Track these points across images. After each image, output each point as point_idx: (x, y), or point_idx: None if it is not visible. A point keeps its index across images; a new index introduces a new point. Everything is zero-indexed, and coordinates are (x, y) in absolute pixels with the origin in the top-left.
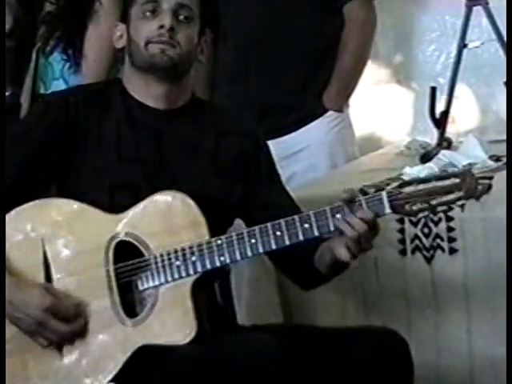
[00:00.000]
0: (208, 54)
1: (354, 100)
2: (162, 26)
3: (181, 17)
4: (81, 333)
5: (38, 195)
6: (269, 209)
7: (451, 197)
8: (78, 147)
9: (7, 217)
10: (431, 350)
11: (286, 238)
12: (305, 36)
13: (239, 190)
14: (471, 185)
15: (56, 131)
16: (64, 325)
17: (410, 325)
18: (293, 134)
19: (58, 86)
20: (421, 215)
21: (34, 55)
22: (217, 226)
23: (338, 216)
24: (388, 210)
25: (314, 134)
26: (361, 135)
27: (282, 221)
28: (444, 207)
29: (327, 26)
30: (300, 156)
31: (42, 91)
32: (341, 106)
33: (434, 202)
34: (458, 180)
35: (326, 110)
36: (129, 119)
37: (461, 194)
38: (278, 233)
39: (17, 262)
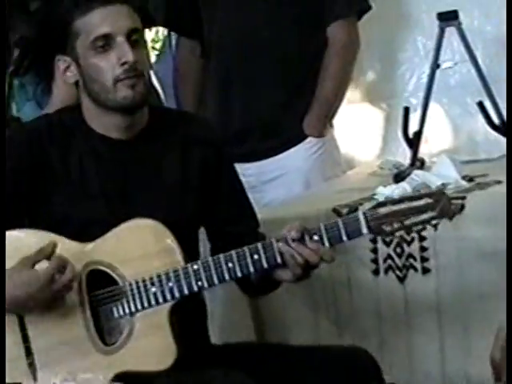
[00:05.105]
0: (196, 66)
1: None
2: (125, 63)
3: (133, 42)
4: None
5: (10, 227)
6: (228, 223)
7: (425, 216)
8: (46, 182)
9: None
10: (404, 369)
11: (264, 261)
12: (287, 55)
13: (197, 198)
14: (445, 204)
15: (21, 169)
16: (65, 275)
17: (383, 344)
18: (271, 159)
19: (31, 107)
20: (397, 235)
21: (7, 78)
22: (191, 240)
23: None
24: (365, 231)
25: (292, 162)
26: None
27: (258, 244)
28: (419, 227)
29: (311, 45)
30: (277, 183)
31: (14, 112)
32: (321, 132)
33: (408, 222)
34: (431, 200)
35: (305, 136)
36: (92, 153)
37: (434, 213)
38: (256, 256)
39: None
